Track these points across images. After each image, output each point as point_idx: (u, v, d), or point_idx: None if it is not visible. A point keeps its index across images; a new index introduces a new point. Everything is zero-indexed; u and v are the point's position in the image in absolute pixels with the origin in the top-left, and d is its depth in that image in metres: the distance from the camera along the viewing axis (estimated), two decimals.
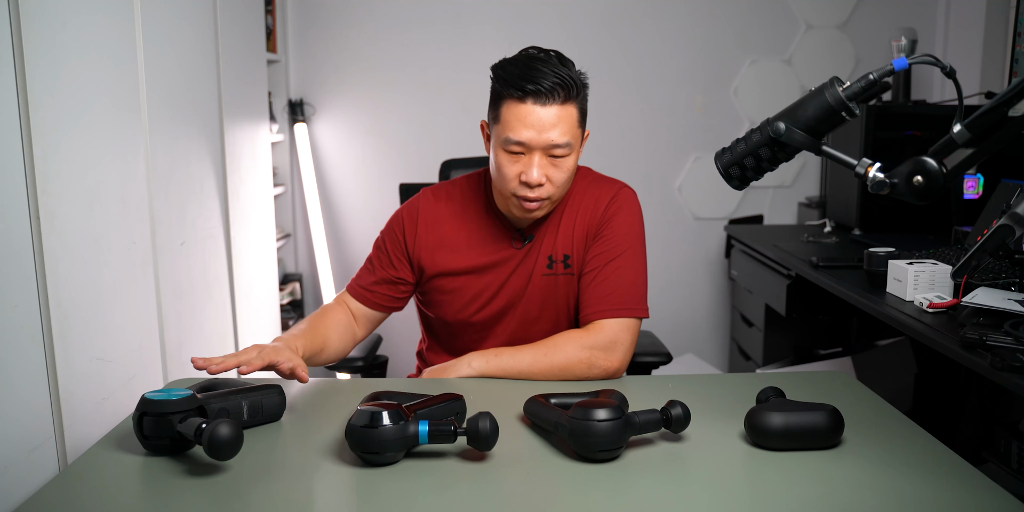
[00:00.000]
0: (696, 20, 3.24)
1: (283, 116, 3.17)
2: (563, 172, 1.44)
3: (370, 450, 1.07)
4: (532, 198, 1.44)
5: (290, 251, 3.34)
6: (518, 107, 1.39)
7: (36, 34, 1.23)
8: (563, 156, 1.43)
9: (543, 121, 1.39)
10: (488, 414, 1.08)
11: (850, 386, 1.43)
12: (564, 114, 1.40)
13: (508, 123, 1.40)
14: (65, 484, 1.06)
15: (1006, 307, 1.45)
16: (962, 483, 1.04)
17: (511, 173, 1.43)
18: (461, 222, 1.57)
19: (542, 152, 1.41)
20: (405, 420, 1.08)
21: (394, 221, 1.62)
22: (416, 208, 1.60)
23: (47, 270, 1.24)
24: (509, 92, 1.40)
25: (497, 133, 1.43)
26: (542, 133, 1.39)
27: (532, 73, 1.38)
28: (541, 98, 1.38)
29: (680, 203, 3.37)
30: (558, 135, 1.40)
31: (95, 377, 1.38)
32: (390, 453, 1.07)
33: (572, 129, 1.42)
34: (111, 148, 1.50)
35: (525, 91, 1.38)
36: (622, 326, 1.48)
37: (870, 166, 1.09)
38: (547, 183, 1.43)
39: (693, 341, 3.44)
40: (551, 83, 1.38)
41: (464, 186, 1.61)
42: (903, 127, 2.57)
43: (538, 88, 1.37)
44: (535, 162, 1.41)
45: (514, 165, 1.43)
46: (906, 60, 1.03)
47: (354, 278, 1.64)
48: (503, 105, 1.41)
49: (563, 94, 1.39)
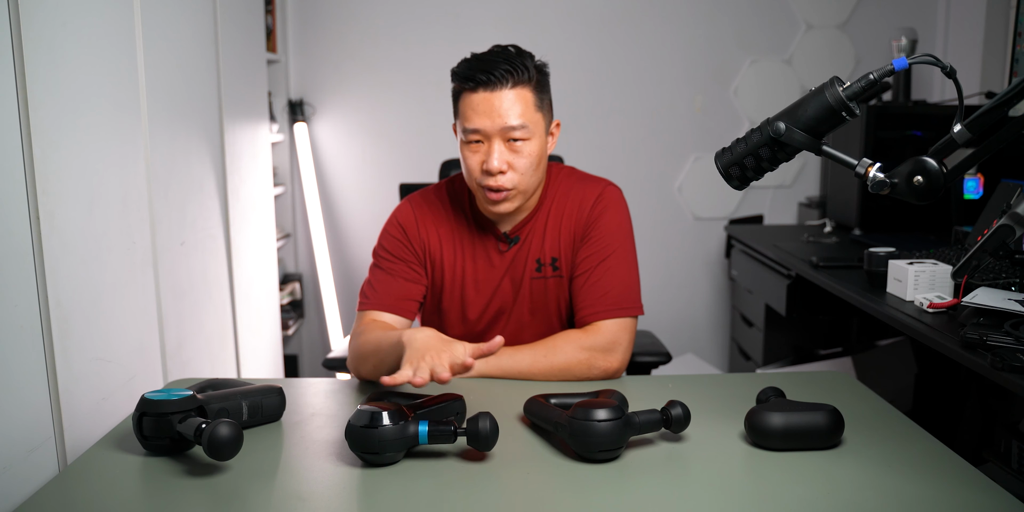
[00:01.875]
0: (696, 20, 3.24)
1: (283, 116, 3.17)
2: (524, 158, 1.44)
3: (370, 450, 1.07)
4: (495, 187, 1.44)
5: (290, 251, 3.34)
6: (471, 97, 1.43)
7: (36, 34, 1.23)
8: (522, 140, 1.44)
9: (494, 106, 1.41)
10: (488, 414, 1.08)
11: (850, 386, 1.43)
12: (516, 97, 1.42)
13: (464, 114, 1.44)
14: (65, 484, 1.06)
15: (1006, 307, 1.45)
16: (962, 483, 1.04)
17: (474, 164, 1.45)
18: (446, 229, 1.57)
19: (500, 138, 1.43)
20: (405, 420, 1.08)
21: (392, 230, 1.57)
22: (410, 213, 1.58)
23: (47, 270, 1.24)
24: (463, 85, 1.44)
25: (459, 127, 1.46)
26: (495, 118, 1.41)
27: (482, 64, 1.42)
28: (491, 85, 1.41)
29: (680, 203, 3.37)
30: (512, 118, 1.42)
31: (95, 377, 1.38)
32: (390, 453, 1.07)
33: (528, 112, 1.43)
34: (111, 148, 1.50)
35: (476, 81, 1.42)
36: (620, 326, 1.48)
37: (870, 166, 1.09)
38: (510, 171, 1.44)
39: (693, 341, 3.44)
40: (500, 70, 1.41)
41: (443, 192, 1.60)
42: (903, 127, 2.57)
43: (488, 76, 1.41)
44: (495, 149, 1.43)
45: (475, 155, 1.45)
46: (906, 60, 1.03)
47: (371, 297, 1.53)
48: (460, 99, 1.45)
49: (512, 78, 1.42)
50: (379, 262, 1.56)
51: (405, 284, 1.54)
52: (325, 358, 1.79)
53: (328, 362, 1.79)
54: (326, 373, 3.23)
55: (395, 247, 1.56)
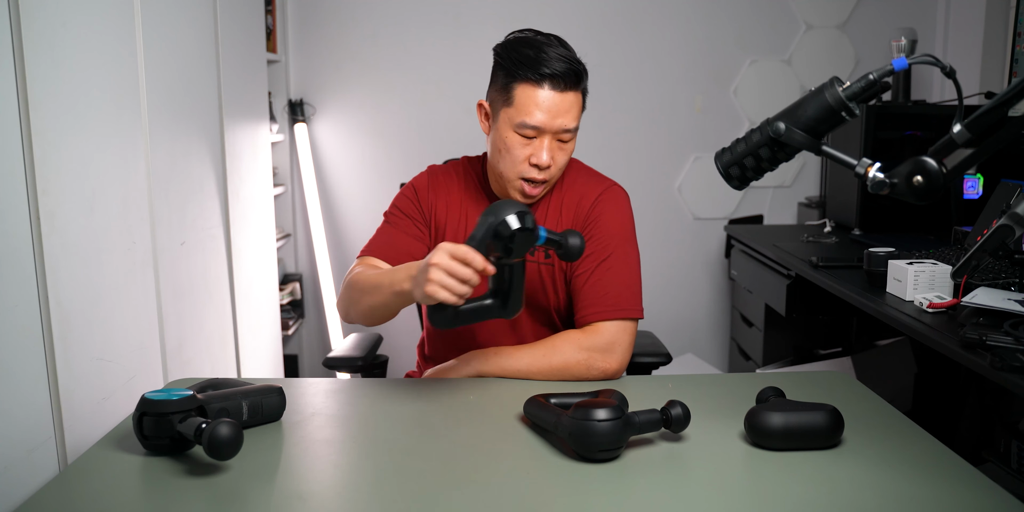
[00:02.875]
0: (696, 20, 3.24)
1: (283, 116, 3.17)
2: (567, 155, 1.49)
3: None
4: (540, 180, 1.47)
5: (290, 251, 3.34)
6: (534, 91, 1.41)
7: (36, 34, 1.23)
8: (569, 140, 1.47)
9: (558, 106, 1.42)
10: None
11: (850, 386, 1.43)
12: (576, 100, 1.44)
13: (524, 106, 1.42)
14: (65, 484, 1.06)
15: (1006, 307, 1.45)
16: (962, 483, 1.04)
17: (521, 155, 1.45)
18: (455, 198, 1.60)
19: (552, 136, 1.44)
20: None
21: (406, 191, 1.61)
22: (425, 178, 1.62)
23: (47, 270, 1.24)
24: (525, 75, 1.41)
25: (509, 115, 1.44)
26: (556, 118, 1.42)
27: (546, 57, 1.41)
28: (557, 83, 1.41)
29: (680, 203, 3.37)
30: (571, 120, 1.44)
31: (95, 377, 1.38)
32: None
33: (578, 114, 1.46)
34: (111, 148, 1.50)
35: (542, 75, 1.40)
36: (620, 328, 1.48)
37: (870, 166, 1.09)
38: (553, 165, 1.46)
39: (693, 341, 3.44)
40: (567, 70, 1.41)
41: (460, 168, 1.63)
42: (903, 127, 2.57)
43: (555, 73, 1.40)
44: (545, 145, 1.44)
45: (525, 148, 1.45)
46: (906, 60, 1.03)
47: (372, 245, 1.55)
48: (516, 87, 1.42)
49: (575, 80, 1.43)
50: (387, 218, 1.60)
51: (407, 239, 1.56)
52: (325, 357, 1.79)
53: (328, 361, 1.79)
54: (326, 373, 3.23)
55: (405, 205, 1.59)
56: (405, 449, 1.15)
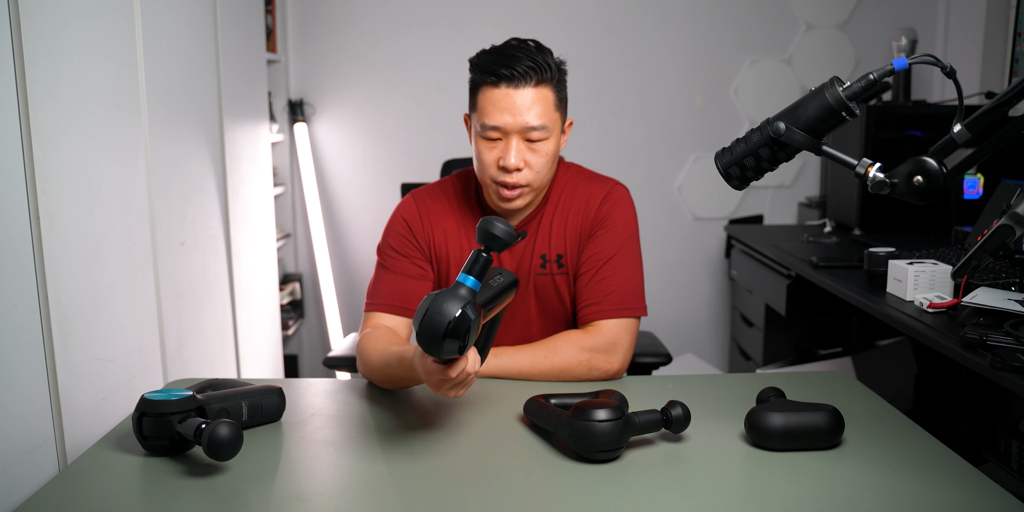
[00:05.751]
0: (696, 20, 3.24)
1: (283, 116, 3.17)
2: (541, 157, 1.44)
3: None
4: (511, 183, 1.44)
5: (290, 251, 3.34)
6: (493, 92, 1.41)
7: (36, 34, 1.23)
8: (540, 140, 1.43)
9: (517, 104, 1.40)
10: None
11: (850, 386, 1.43)
12: (539, 97, 1.41)
13: (484, 109, 1.42)
14: (65, 484, 1.06)
15: (1006, 307, 1.45)
16: (962, 483, 1.04)
17: (490, 159, 1.44)
18: (452, 223, 1.55)
19: (519, 136, 1.42)
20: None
21: (396, 225, 1.56)
22: (414, 208, 1.56)
23: (47, 270, 1.24)
24: (484, 79, 1.42)
25: (475, 121, 1.45)
26: (517, 116, 1.40)
27: (505, 59, 1.40)
28: (515, 81, 1.40)
29: (680, 203, 3.37)
30: (533, 117, 1.41)
31: (95, 377, 1.38)
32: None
33: (548, 112, 1.43)
34: (111, 148, 1.50)
35: (499, 75, 1.40)
36: (621, 327, 1.48)
37: (870, 166, 1.09)
38: (525, 168, 1.44)
39: (693, 341, 3.44)
40: (524, 67, 1.39)
41: (449, 186, 1.59)
42: (903, 127, 2.57)
43: (512, 72, 1.39)
44: (512, 146, 1.42)
45: (492, 151, 1.44)
46: (906, 60, 1.03)
47: (375, 297, 1.50)
48: (479, 93, 1.43)
49: (536, 77, 1.41)
50: (384, 260, 1.55)
51: (410, 282, 1.51)
52: (326, 356, 1.79)
53: (328, 361, 1.79)
54: (326, 373, 3.23)
55: (400, 243, 1.54)
56: (405, 450, 1.15)
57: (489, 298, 1.08)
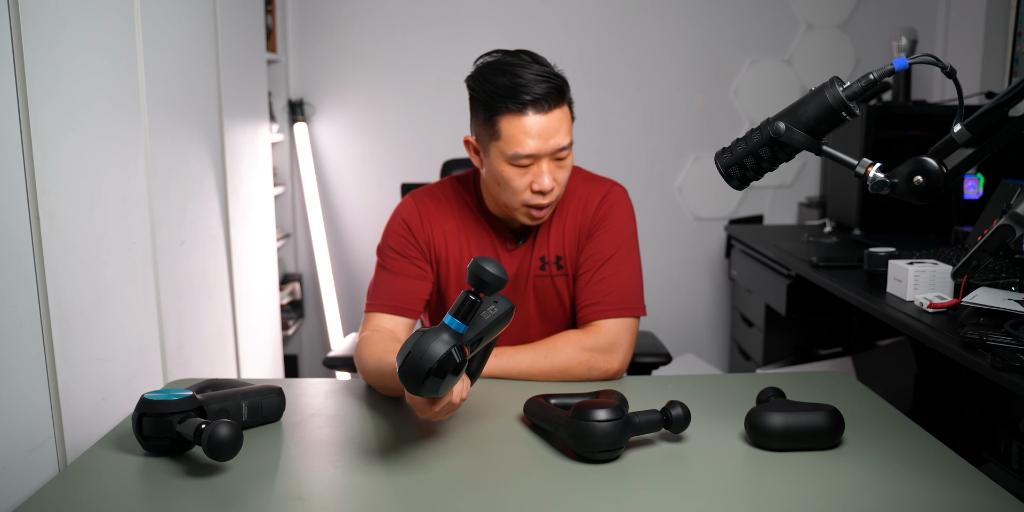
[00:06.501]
0: (696, 20, 3.24)
1: (283, 116, 3.17)
2: (566, 170, 1.44)
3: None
4: (546, 204, 1.43)
5: (290, 251, 3.34)
6: (520, 120, 1.35)
7: (36, 34, 1.23)
8: (566, 157, 1.43)
9: (547, 129, 1.37)
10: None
11: (850, 386, 1.43)
12: (562, 116, 1.39)
13: (513, 138, 1.36)
14: (65, 484, 1.06)
15: (1006, 307, 1.45)
16: (962, 483, 1.04)
17: (521, 185, 1.40)
18: (452, 225, 1.55)
19: (549, 158, 1.40)
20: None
21: (396, 226, 1.55)
22: (413, 208, 1.55)
23: (47, 270, 1.24)
24: (505, 106, 1.36)
25: (500, 149, 1.39)
26: (548, 141, 1.37)
27: (522, 82, 1.35)
28: (540, 106, 1.35)
29: (680, 203, 3.37)
30: (563, 138, 1.39)
31: (95, 377, 1.38)
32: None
33: (569, 127, 1.42)
34: (111, 148, 1.50)
35: (523, 102, 1.34)
36: (621, 326, 1.48)
37: (870, 166, 1.09)
38: (555, 186, 1.43)
39: (693, 341, 3.43)
40: (544, 89, 1.35)
41: (448, 189, 1.57)
42: (903, 127, 2.57)
43: (535, 97, 1.35)
44: (544, 169, 1.39)
45: (523, 177, 1.40)
46: (906, 60, 1.03)
47: (375, 298, 1.50)
48: (500, 120, 1.37)
49: (557, 97, 1.38)
50: (383, 261, 1.54)
51: (409, 282, 1.51)
52: (326, 356, 1.79)
53: (328, 361, 1.79)
54: (326, 373, 3.23)
55: (400, 244, 1.53)
56: (405, 450, 1.15)
57: (480, 331, 1.07)
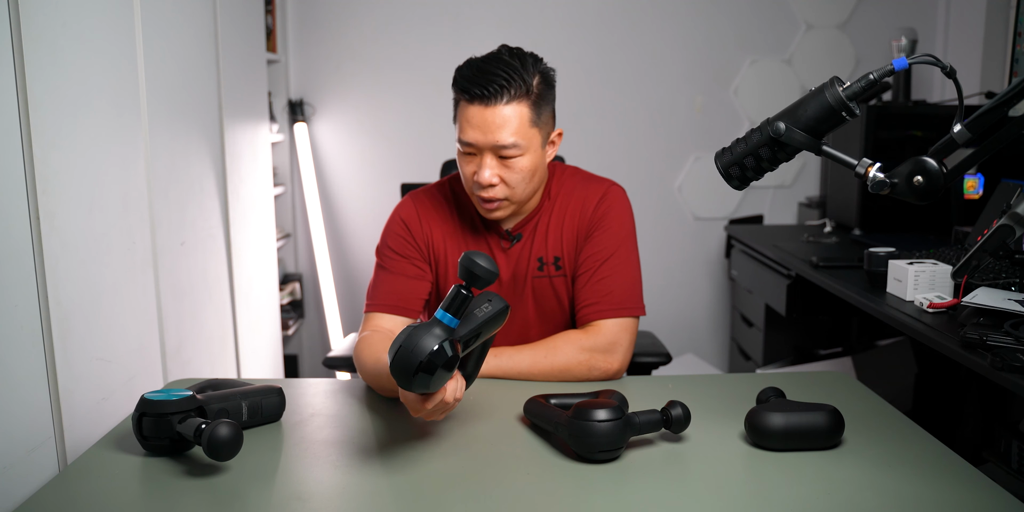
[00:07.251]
0: (696, 20, 3.24)
1: (283, 116, 3.17)
2: (516, 173, 1.43)
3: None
4: (486, 198, 1.45)
5: (290, 251, 3.34)
6: (468, 109, 1.41)
7: (36, 34, 1.23)
8: (514, 157, 1.42)
9: (488, 122, 1.39)
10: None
11: (850, 386, 1.43)
12: (511, 114, 1.39)
13: (460, 124, 1.42)
14: (65, 484, 1.06)
15: (1006, 307, 1.45)
16: (962, 483, 1.04)
17: (467, 173, 1.45)
18: (449, 226, 1.56)
19: (491, 153, 1.42)
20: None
21: (395, 226, 1.56)
22: (412, 209, 1.57)
23: (47, 270, 1.24)
24: (460, 94, 1.42)
25: (456, 134, 1.46)
26: (488, 134, 1.39)
27: (480, 75, 1.39)
28: (486, 100, 1.38)
29: (680, 203, 3.37)
30: (506, 135, 1.39)
31: (95, 377, 1.38)
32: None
33: (522, 129, 1.40)
34: (111, 148, 1.50)
35: (471, 93, 1.39)
36: (621, 326, 1.48)
37: (870, 166, 1.09)
38: (500, 184, 1.43)
39: (693, 341, 3.44)
40: (497, 85, 1.38)
41: (446, 189, 1.59)
42: (903, 127, 2.57)
43: (483, 91, 1.38)
44: (485, 162, 1.42)
45: (469, 165, 1.44)
46: (906, 60, 1.03)
47: (374, 298, 1.51)
48: (458, 107, 1.44)
49: (508, 94, 1.38)
50: (383, 261, 1.55)
51: (409, 282, 1.52)
52: (326, 356, 1.79)
53: (328, 361, 1.79)
54: (326, 373, 3.23)
55: (398, 244, 1.54)
56: (405, 450, 1.15)
57: (473, 329, 1.07)
